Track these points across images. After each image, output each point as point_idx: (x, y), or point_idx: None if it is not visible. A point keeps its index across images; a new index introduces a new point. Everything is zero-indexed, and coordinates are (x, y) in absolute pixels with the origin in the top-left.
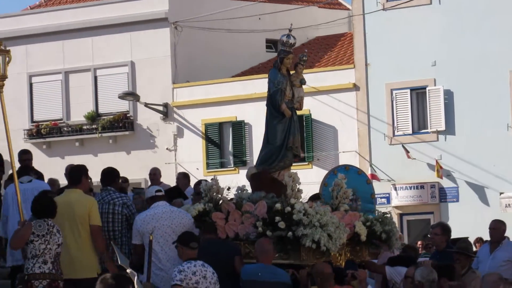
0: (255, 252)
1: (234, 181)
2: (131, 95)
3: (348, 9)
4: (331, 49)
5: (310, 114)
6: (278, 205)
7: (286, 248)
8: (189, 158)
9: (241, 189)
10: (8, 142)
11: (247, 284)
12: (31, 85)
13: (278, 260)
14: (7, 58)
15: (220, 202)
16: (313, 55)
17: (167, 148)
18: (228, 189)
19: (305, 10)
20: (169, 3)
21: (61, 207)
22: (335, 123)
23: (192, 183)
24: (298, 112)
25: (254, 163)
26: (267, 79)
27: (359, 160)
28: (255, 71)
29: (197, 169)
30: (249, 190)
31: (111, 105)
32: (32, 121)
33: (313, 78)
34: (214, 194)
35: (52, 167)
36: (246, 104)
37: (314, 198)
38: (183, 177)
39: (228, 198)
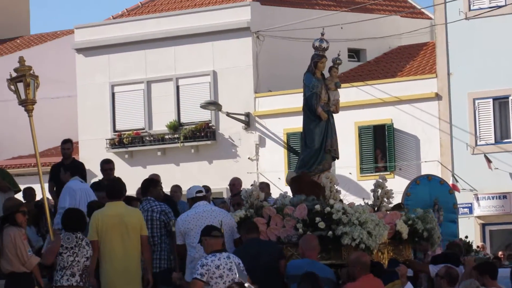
0: (300, 248)
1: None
2: (213, 105)
3: (430, 18)
4: (413, 58)
5: (392, 124)
6: (317, 206)
7: (327, 248)
8: (271, 168)
9: (283, 195)
10: (37, 161)
11: (293, 279)
12: (113, 94)
13: (320, 260)
14: (36, 84)
15: (262, 207)
16: (395, 64)
17: (249, 158)
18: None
19: (388, 19)
20: (251, 12)
21: (111, 218)
22: (417, 133)
23: (274, 194)
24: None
25: (337, 172)
26: (350, 88)
27: (441, 169)
28: None
29: (279, 178)
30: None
31: (193, 114)
32: (115, 131)
33: (395, 88)
34: (255, 200)
35: (134, 176)
36: None
37: (396, 207)
38: (265, 187)
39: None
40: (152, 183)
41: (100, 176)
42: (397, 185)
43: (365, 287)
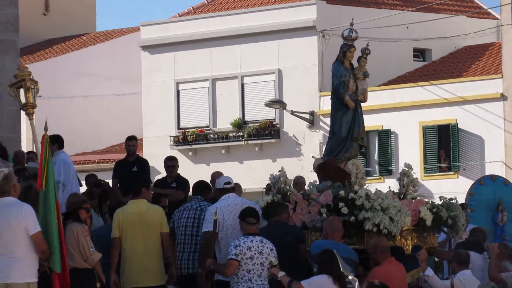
0: (324, 229)
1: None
2: (278, 103)
3: (497, 18)
4: (479, 58)
5: (457, 124)
6: (341, 192)
7: (350, 233)
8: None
9: (312, 184)
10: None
11: (316, 258)
12: (178, 92)
13: None
14: (36, 89)
15: (288, 193)
16: (461, 64)
17: (312, 156)
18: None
19: (454, 19)
20: (317, 11)
21: (132, 216)
22: (482, 133)
23: None
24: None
25: (400, 172)
26: (415, 88)
27: (505, 170)
28: (402, 80)
29: None
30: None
31: (258, 112)
32: (179, 128)
33: (460, 88)
34: (282, 185)
35: (197, 174)
36: (393, 113)
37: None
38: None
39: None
40: (207, 188)
41: (164, 173)
42: (460, 185)
43: (390, 269)
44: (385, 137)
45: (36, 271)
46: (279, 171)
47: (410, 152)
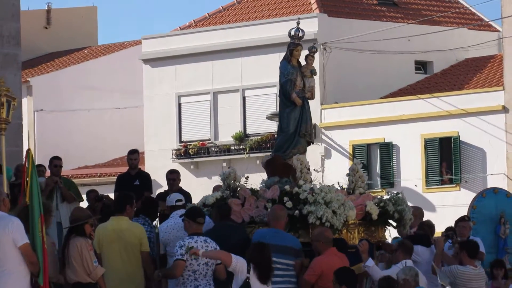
0: (267, 218)
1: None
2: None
3: (498, 31)
4: (480, 70)
5: (459, 136)
6: (287, 187)
7: (296, 227)
8: (337, 179)
9: (265, 181)
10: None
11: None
12: (179, 105)
13: None
14: (13, 105)
15: (238, 189)
16: (463, 76)
17: (314, 169)
18: (247, 178)
19: (455, 32)
20: (318, 24)
21: (111, 233)
22: (484, 146)
23: None
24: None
25: (402, 184)
26: (416, 101)
27: (507, 182)
28: (403, 92)
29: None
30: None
31: (259, 125)
32: (180, 141)
33: (462, 100)
34: (232, 181)
35: (199, 187)
36: (394, 125)
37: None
38: None
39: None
40: (153, 206)
41: (166, 186)
42: (462, 198)
43: (331, 259)
44: (387, 149)
45: (27, 284)
46: (229, 167)
47: (411, 164)
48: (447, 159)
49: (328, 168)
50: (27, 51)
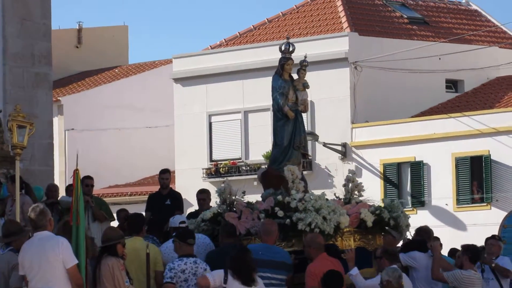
0: (259, 232)
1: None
2: (310, 135)
3: None
4: (511, 89)
5: (490, 155)
6: (279, 197)
7: (289, 236)
8: (367, 199)
9: (261, 195)
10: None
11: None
12: (210, 124)
13: (284, 248)
14: (30, 129)
15: (234, 203)
16: (494, 95)
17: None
18: (243, 192)
19: (486, 50)
20: (349, 43)
21: (131, 253)
22: None
23: None
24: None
25: (433, 203)
26: (447, 119)
27: None
28: (434, 111)
29: None
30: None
31: None
32: (211, 160)
33: (493, 119)
34: (228, 196)
35: None
36: (425, 144)
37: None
38: None
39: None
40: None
41: (196, 205)
42: (493, 217)
43: (323, 263)
44: (418, 168)
45: None
46: (224, 182)
47: (442, 183)
48: (478, 178)
49: None
50: (58, 70)
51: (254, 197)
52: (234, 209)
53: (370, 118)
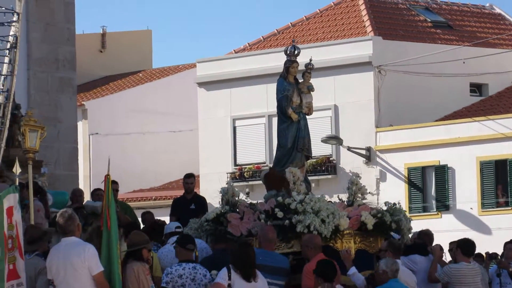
0: (258, 238)
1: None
2: (334, 139)
3: None
4: None
5: None
6: (279, 199)
7: (288, 237)
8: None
9: (264, 196)
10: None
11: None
12: (234, 128)
13: (284, 249)
14: (42, 133)
15: (237, 204)
16: None
17: (369, 192)
18: (247, 194)
19: (510, 54)
20: (373, 47)
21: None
22: None
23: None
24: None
25: (458, 207)
26: (471, 123)
27: None
28: (458, 115)
29: None
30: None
31: (314, 148)
32: (236, 164)
33: None
34: (231, 197)
35: None
36: (450, 148)
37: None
38: None
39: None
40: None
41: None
42: None
43: None
44: (442, 172)
45: None
46: (226, 184)
47: (467, 187)
48: (503, 181)
49: (383, 191)
50: (82, 75)
51: None
52: (237, 210)
53: (394, 122)
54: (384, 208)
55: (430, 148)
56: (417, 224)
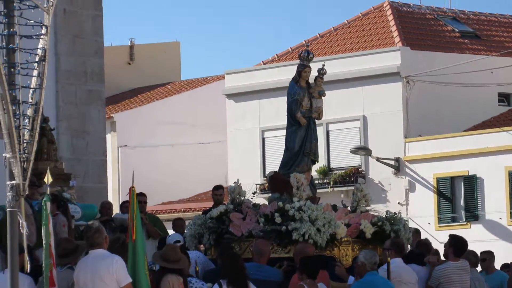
0: (252, 251)
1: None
2: (363, 150)
3: None
4: None
5: None
6: (280, 203)
7: (285, 242)
8: (421, 213)
9: (268, 197)
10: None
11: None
12: (263, 139)
13: (280, 254)
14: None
15: (242, 203)
16: None
17: (398, 203)
18: (254, 193)
19: None
20: (401, 57)
21: None
22: None
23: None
24: None
25: (487, 217)
26: (500, 133)
27: None
28: (487, 125)
29: (429, 223)
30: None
31: (343, 159)
32: (265, 176)
33: None
34: (237, 196)
35: None
36: (478, 158)
37: None
38: (415, 233)
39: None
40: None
41: None
42: None
43: None
44: (471, 182)
45: None
46: (234, 183)
47: (496, 197)
48: None
49: (412, 201)
50: (111, 87)
51: None
52: (241, 209)
53: (423, 132)
54: (385, 216)
55: (459, 158)
56: (447, 235)
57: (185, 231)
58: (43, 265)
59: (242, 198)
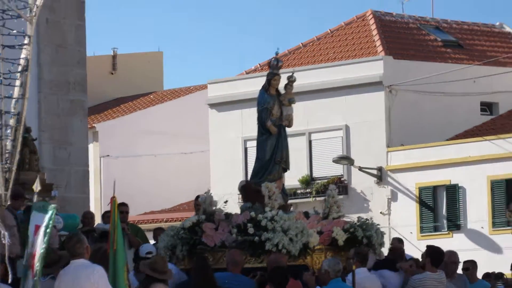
0: (226, 261)
1: None
2: (346, 159)
3: None
4: None
5: None
6: (252, 213)
7: (258, 252)
8: (403, 222)
9: (240, 207)
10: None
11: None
12: (246, 149)
13: (254, 264)
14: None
15: (214, 213)
16: None
17: (381, 212)
18: (226, 202)
19: None
20: (384, 66)
21: None
22: None
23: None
24: None
25: (469, 226)
26: (482, 142)
27: None
28: (469, 134)
29: (411, 233)
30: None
31: (325, 169)
32: None
33: None
34: (209, 206)
35: None
36: (461, 167)
37: None
38: (397, 243)
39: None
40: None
41: None
42: None
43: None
44: (453, 192)
45: None
46: (205, 193)
47: (478, 206)
48: None
49: (394, 210)
50: (93, 97)
51: None
52: (214, 219)
53: (405, 141)
54: (357, 223)
55: (441, 167)
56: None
57: (158, 243)
58: (37, 271)
59: (214, 208)
